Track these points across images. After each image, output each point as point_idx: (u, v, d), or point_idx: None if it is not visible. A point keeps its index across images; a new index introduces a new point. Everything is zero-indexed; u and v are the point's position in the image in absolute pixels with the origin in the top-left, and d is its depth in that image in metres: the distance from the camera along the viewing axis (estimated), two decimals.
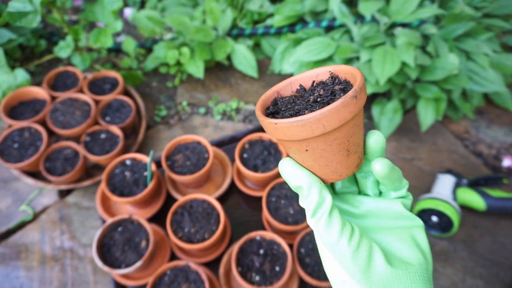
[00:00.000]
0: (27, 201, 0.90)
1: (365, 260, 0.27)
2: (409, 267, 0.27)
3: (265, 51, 1.19)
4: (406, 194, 0.31)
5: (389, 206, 0.31)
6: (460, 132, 1.08)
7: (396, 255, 0.28)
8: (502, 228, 0.89)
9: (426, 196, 0.86)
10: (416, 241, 0.29)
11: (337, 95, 0.28)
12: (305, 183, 0.28)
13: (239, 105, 1.11)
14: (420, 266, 0.28)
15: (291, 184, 0.29)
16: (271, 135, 0.28)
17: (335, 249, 0.27)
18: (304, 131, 0.26)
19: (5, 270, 0.80)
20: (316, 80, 0.31)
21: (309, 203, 0.28)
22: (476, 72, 0.95)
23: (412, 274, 0.27)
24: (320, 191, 0.28)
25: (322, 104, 0.28)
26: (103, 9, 0.98)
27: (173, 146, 0.84)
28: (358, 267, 0.26)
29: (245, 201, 0.88)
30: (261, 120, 0.28)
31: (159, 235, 0.79)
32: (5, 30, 0.99)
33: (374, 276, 0.26)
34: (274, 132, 0.27)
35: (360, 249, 0.27)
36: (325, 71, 0.31)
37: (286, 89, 0.32)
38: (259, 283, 0.67)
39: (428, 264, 0.28)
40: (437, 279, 0.82)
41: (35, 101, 0.95)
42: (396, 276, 0.26)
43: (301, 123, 0.25)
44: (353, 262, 0.26)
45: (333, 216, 0.27)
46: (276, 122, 0.26)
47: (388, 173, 0.29)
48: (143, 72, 1.18)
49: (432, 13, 0.91)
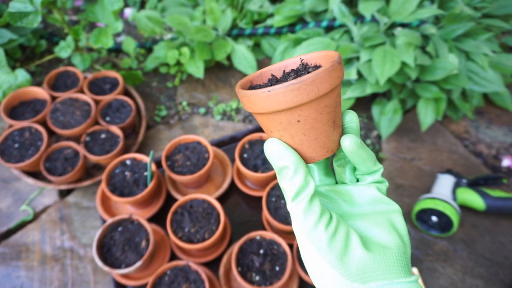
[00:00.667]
0: (27, 201, 0.90)
1: (341, 245, 0.27)
2: (387, 251, 0.27)
3: (265, 51, 1.19)
4: (381, 180, 0.32)
5: (364, 190, 0.31)
6: (460, 132, 1.08)
7: (374, 240, 0.28)
8: (502, 228, 0.89)
9: (426, 196, 0.86)
10: (393, 225, 0.29)
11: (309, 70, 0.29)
12: (292, 163, 0.28)
13: (239, 105, 1.11)
14: (398, 249, 0.28)
15: (277, 164, 0.28)
16: (259, 109, 0.27)
17: (312, 234, 0.27)
18: (299, 95, 0.25)
19: (5, 269, 0.80)
20: (287, 70, 0.32)
21: (292, 185, 0.28)
22: (476, 72, 0.95)
23: (389, 258, 0.27)
24: (306, 175, 0.28)
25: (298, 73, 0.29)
26: (104, 10, 0.98)
27: (173, 146, 0.84)
28: (335, 253, 0.27)
29: (245, 201, 0.88)
30: (247, 93, 0.27)
31: (159, 235, 0.79)
32: (5, 30, 0.99)
33: (350, 261, 0.27)
34: (266, 103, 0.26)
35: (337, 235, 0.27)
36: (293, 61, 0.31)
37: (257, 79, 0.32)
38: (259, 283, 0.67)
39: (406, 248, 0.28)
40: (437, 279, 0.82)
41: (35, 101, 0.95)
42: (373, 260, 0.27)
43: (297, 85, 0.25)
44: (330, 247, 0.27)
45: (314, 202, 0.27)
46: (270, 90, 0.25)
47: (356, 149, 0.29)
48: (143, 72, 1.18)
49: (431, 13, 0.91)
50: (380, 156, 1.01)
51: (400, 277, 0.26)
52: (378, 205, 0.31)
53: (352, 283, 0.26)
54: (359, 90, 0.94)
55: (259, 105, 0.27)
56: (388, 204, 0.31)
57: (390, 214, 0.30)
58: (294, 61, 0.32)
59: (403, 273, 0.27)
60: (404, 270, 0.27)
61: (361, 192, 0.31)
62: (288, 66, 0.32)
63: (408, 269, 0.28)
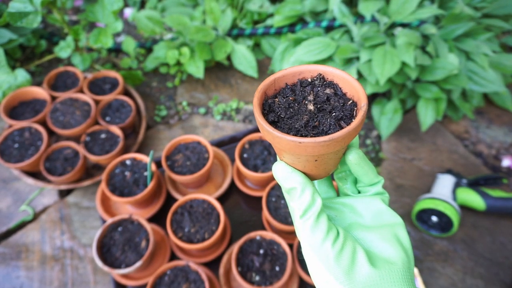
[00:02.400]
0: (27, 201, 0.90)
1: (348, 261, 0.27)
2: (392, 267, 0.28)
3: (265, 51, 1.19)
4: (383, 191, 0.32)
5: (368, 202, 0.32)
6: (460, 132, 1.08)
7: (379, 255, 0.29)
8: (502, 228, 0.89)
9: (426, 196, 0.86)
10: (398, 239, 0.30)
11: (331, 99, 0.29)
12: (299, 184, 0.29)
13: (239, 105, 1.11)
14: (403, 265, 0.28)
15: (285, 185, 0.30)
16: (283, 148, 0.27)
17: (319, 251, 0.28)
18: (327, 148, 0.26)
19: (5, 269, 0.80)
20: (300, 78, 0.31)
21: (300, 204, 0.29)
22: (476, 72, 0.95)
23: (395, 274, 0.27)
24: (313, 193, 0.29)
25: (326, 113, 0.29)
26: (103, 9, 0.98)
27: (173, 146, 0.84)
28: (342, 269, 0.27)
29: (245, 201, 0.88)
30: (272, 133, 0.27)
31: (159, 235, 0.79)
32: (5, 30, 0.99)
33: (357, 277, 0.27)
34: (292, 148, 0.27)
35: (343, 251, 0.27)
36: (309, 69, 0.31)
37: (271, 88, 0.31)
38: (259, 283, 0.67)
39: (410, 263, 0.29)
40: (437, 279, 0.82)
41: (35, 101, 0.95)
42: (379, 277, 0.27)
43: (328, 142, 0.26)
44: (337, 263, 0.27)
45: (321, 218, 0.28)
46: (301, 141, 0.26)
47: (359, 161, 0.30)
48: (143, 72, 1.18)
49: (432, 13, 0.91)
50: (380, 156, 1.01)
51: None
52: (382, 217, 0.31)
53: None
54: None
55: (285, 147, 0.27)
56: (392, 216, 0.31)
57: (394, 227, 0.30)
58: (310, 69, 0.31)
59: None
60: (408, 285, 0.28)
61: (366, 204, 0.32)
62: (303, 73, 0.31)
63: (412, 284, 0.28)
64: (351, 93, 0.30)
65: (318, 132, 0.28)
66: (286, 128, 0.29)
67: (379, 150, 1.03)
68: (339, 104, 0.29)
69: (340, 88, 0.30)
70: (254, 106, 0.29)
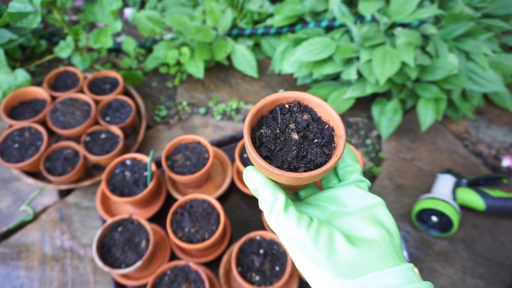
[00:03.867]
0: (27, 201, 0.90)
1: (326, 244, 0.27)
2: (373, 244, 0.28)
3: (265, 51, 1.19)
4: (362, 179, 0.33)
5: (349, 190, 0.32)
6: (460, 132, 1.08)
7: (359, 235, 0.29)
8: (502, 228, 0.89)
9: (426, 196, 0.86)
10: (377, 218, 0.30)
11: (310, 125, 0.33)
12: (260, 185, 0.30)
13: (239, 105, 1.11)
14: (384, 240, 0.28)
15: (250, 187, 0.31)
16: (276, 179, 0.30)
17: (296, 241, 0.28)
18: (318, 177, 0.30)
19: (5, 270, 0.80)
20: (278, 104, 0.34)
21: (264, 203, 0.30)
22: (476, 72, 0.95)
23: (376, 250, 0.27)
24: (273, 191, 0.29)
25: (310, 140, 0.32)
26: (103, 9, 0.98)
27: (173, 146, 0.84)
28: (321, 253, 0.27)
29: (245, 201, 0.88)
30: (272, 169, 0.29)
31: (159, 235, 0.79)
32: (5, 30, 0.99)
33: (338, 258, 0.27)
34: (288, 180, 0.29)
35: (319, 236, 0.28)
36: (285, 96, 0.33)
37: (254, 119, 0.33)
38: (259, 283, 0.67)
39: (392, 237, 0.29)
40: (437, 278, 0.82)
41: (35, 101, 0.95)
42: (360, 254, 0.27)
43: (321, 173, 0.29)
44: (315, 249, 0.27)
45: (289, 210, 0.29)
46: (299, 177, 0.29)
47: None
48: (143, 72, 1.18)
49: (431, 13, 0.91)
50: (380, 156, 1.01)
51: (389, 266, 0.27)
52: (361, 201, 0.31)
53: (345, 280, 0.27)
54: (359, 90, 0.94)
55: (279, 179, 0.30)
56: (372, 198, 0.31)
57: (373, 208, 0.31)
58: (287, 96, 0.33)
59: (392, 262, 0.27)
60: (393, 259, 0.27)
61: (345, 193, 0.32)
62: (280, 100, 0.34)
63: (398, 258, 0.28)
64: (325, 117, 0.33)
65: (307, 162, 0.31)
66: (279, 161, 0.31)
67: (379, 150, 1.03)
68: (318, 129, 0.32)
69: (315, 111, 0.33)
70: (247, 142, 0.31)
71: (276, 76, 1.18)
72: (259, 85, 1.16)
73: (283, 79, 1.18)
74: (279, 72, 1.16)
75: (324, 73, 0.97)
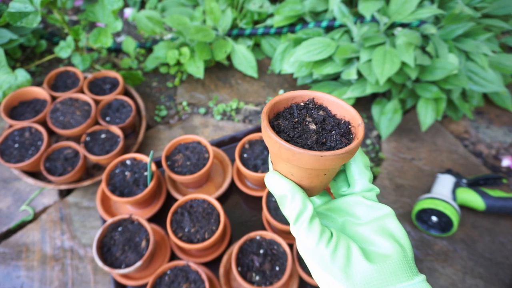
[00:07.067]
0: (27, 201, 0.90)
1: (344, 259, 0.28)
2: (387, 260, 0.28)
3: (265, 51, 1.19)
4: (371, 187, 0.33)
5: (355, 199, 0.32)
6: (460, 132, 1.08)
7: (374, 250, 0.30)
8: (502, 228, 0.89)
9: (426, 196, 0.86)
10: (388, 231, 0.30)
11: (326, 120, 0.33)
12: (290, 192, 0.30)
13: (239, 105, 1.11)
14: (398, 255, 0.29)
15: (276, 193, 0.31)
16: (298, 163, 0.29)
17: (315, 253, 0.29)
18: (341, 160, 0.29)
19: (5, 269, 0.80)
20: (293, 102, 0.34)
21: (292, 210, 0.30)
22: (476, 72, 0.95)
23: (390, 266, 0.28)
24: (303, 200, 0.30)
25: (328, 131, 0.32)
26: (103, 9, 0.98)
27: (173, 146, 0.84)
28: (338, 267, 0.28)
29: (245, 201, 0.88)
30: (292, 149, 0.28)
31: (159, 235, 0.79)
32: (5, 30, 0.99)
33: (354, 273, 0.28)
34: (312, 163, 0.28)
35: (338, 250, 0.28)
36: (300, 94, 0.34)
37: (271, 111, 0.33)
38: (259, 283, 0.67)
39: (405, 251, 0.29)
40: (437, 278, 0.82)
41: (35, 101, 0.95)
42: (376, 270, 0.28)
43: (345, 154, 0.28)
44: (333, 263, 0.28)
45: (313, 222, 0.29)
46: (322, 155, 0.27)
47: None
48: (143, 72, 1.18)
49: (431, 13, 0.91)
50: (380, 156, 1.01)
51: (402, 281, 0.28)
52: (371, 213, 0.32)
53: None
54: (359, 90, 0.94)
55: (301, 162, 0.28)
56: (380, 209, 0.32)
57: (384, 219, 0.31)
58: (301, 95, 0.34)
59: (405, 277, 0.28)
60: (406, 274, 0.28)
61: (355, 203, 0.32)
62: (295, 99, 0.34)
63: (411, 272, 0.28)
64: (341, 114, 0.33)
65: (327, 148, 0.30)
66: (299, 146, 0.30)
67: (379, 150, 1.03)
68: (335, 123, 0.33)
69: (329, 110, 0.34)
70: (264, 127, 0.30)
71: (276, 76, 1.18)
72: (259, 85, 1.16)
73: (283, 79, 1.18)
74: (279, 72, 1.16)
75: (324, 73, 0.97)
